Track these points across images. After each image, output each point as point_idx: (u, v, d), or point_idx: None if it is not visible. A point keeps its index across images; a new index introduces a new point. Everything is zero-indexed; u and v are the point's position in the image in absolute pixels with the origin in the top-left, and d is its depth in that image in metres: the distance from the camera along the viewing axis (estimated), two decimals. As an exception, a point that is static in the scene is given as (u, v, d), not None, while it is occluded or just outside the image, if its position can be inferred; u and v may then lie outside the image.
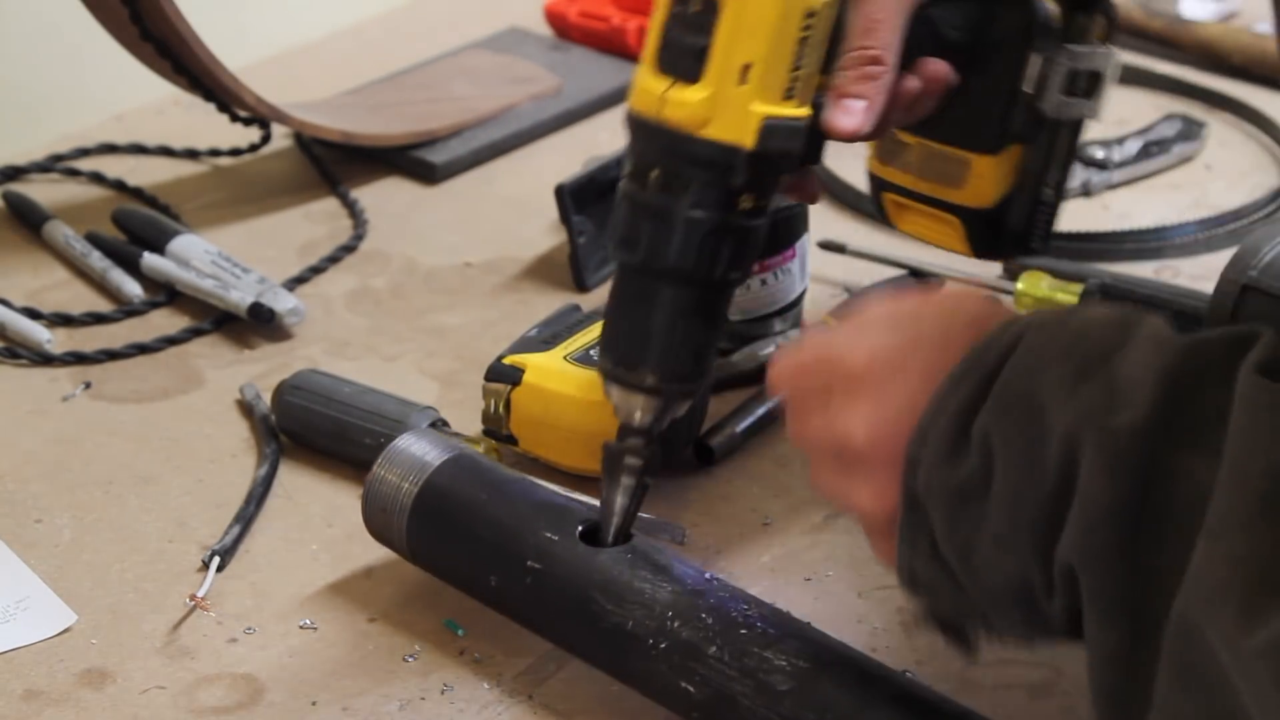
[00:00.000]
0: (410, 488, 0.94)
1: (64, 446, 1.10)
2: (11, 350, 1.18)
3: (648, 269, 0.87)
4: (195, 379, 1.16)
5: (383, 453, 0.96)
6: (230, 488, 1.05)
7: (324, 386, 1.09)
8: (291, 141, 1.44)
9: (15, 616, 0.96)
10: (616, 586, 0.87)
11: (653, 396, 0.89)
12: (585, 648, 0.90)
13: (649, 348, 0.88)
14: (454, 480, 0.94)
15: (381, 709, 0.90)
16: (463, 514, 0.93)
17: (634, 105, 0.88)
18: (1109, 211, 1.33)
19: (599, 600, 0.87)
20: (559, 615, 0.89)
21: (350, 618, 0.96)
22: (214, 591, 0.97)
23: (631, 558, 0.88)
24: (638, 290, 0.88)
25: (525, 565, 0.90)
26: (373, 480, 0.95)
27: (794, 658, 0.83)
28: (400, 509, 0.94)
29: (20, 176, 1.39)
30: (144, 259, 1.25)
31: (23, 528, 1.03)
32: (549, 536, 0.90)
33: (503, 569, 0.91)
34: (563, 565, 0.89)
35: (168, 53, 1.28)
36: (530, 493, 0.93)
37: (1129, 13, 1.60)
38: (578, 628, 0.89)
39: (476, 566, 0.92)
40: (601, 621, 0.87)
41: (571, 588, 0.89)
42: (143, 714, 0.90)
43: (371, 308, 1.24)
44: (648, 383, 0.88)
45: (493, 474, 0.95)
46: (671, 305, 0.88)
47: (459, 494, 0.93)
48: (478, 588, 0.93)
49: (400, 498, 0.94)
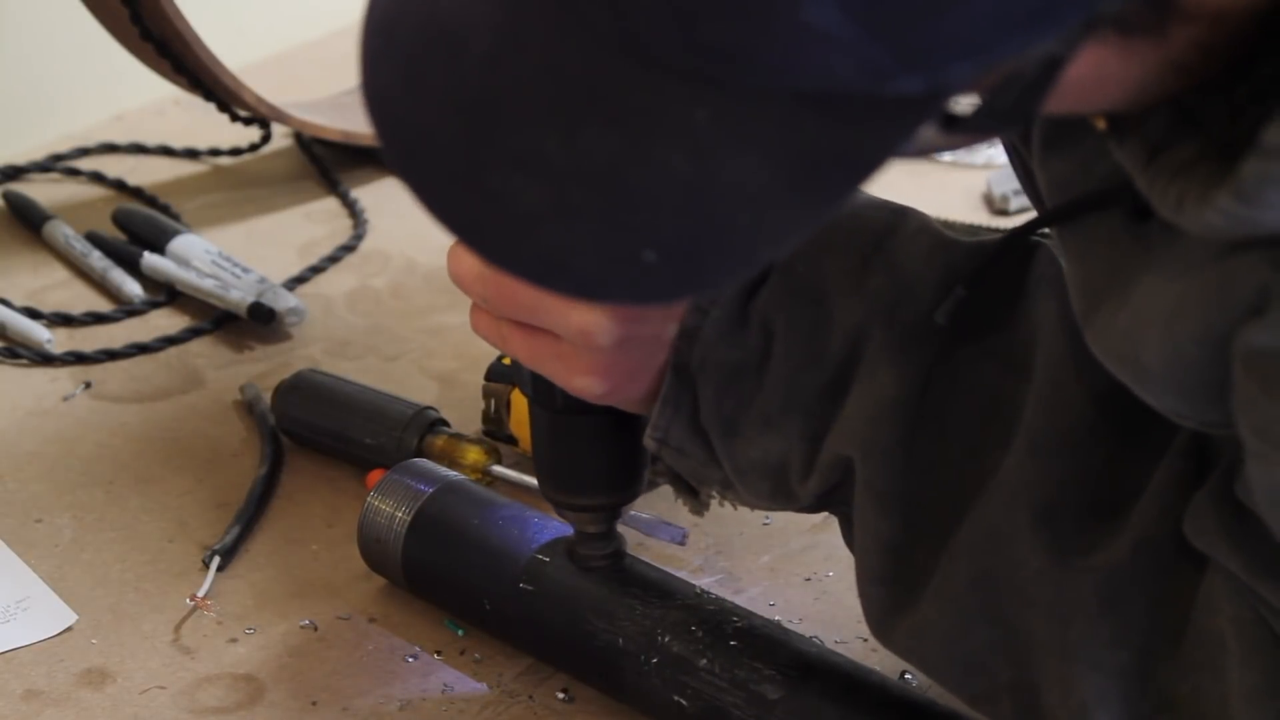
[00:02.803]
0: (404, 517, 0.94)
1: (64, 446, 1.10)
2: (12, 350, 1.18)
3: (565, 410, 0.87)
4: (195, 379, 1.16)
5: (375, 484, 0.96)
6: (230, 488, 1.05)
7: (324, 386, 1.09)
8: (292, 141, 1.44)
9: (15, 616, 0.96)
10: (608, 605, 0.88)
11: (601, 511, 0.89)
12: (579, 665, 0.90)
13: (585, 474, 0.88)
14: (446, 508, 0.94)
15: (381, 709, 0.90)
16: (455, 540, 0.93)
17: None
18: (1109, 211, 1.33)
19: (590, 619, 0.88)
20: (552, 635, 0.90)
21: (350, 618, 0.96)
22: (214, 591, 0.97)
23: (621, 575, 0.89)
24: (560, 428, 0.88)
25: (517, 587, 0.90)
26: (368, 510, 0.95)
27: (784, 666, 0.83)
28: (395, 538, 0.94)
29: (20, 176, 1.39)
30: (144, 259, 1.25)
31: (23, 528, 1.03)
32: (540, 559, 0.90)
33: (496, 592, 0.91)
34: (554, 586, 0.90)
35: (168, 52, 1.28)
36: (521, 516, 0.94)
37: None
38: (571, 646, 0.89)
39: (470, 590, 0.93)
40: (594, 640, 0.88)
41: (563, 608, 0.89)
42: (143, 714, 0.90)
43: (371, 308, 1.24)
44: (593, 503, 0.89)
45: (483, 499, 0.95)
46: (594, 435, 0.87)
47: (451, 521, 0.94)
48: (472, 611, 0.94)
49: (395, 527, 0.94)
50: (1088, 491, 0.71)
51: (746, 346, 0.77)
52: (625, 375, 0.79)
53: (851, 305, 0.75)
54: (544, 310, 0.77)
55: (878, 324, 0.74)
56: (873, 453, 0.74)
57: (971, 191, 1.37)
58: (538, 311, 0.77)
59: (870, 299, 0.75)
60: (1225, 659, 0.67)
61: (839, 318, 0.75)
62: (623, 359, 0.78)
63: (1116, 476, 0.70)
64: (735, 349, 0.77)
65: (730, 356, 0.77)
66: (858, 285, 0.75)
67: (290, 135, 1.44)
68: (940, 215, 1.30)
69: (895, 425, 0.73)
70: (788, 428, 0.76)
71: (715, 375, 0.77)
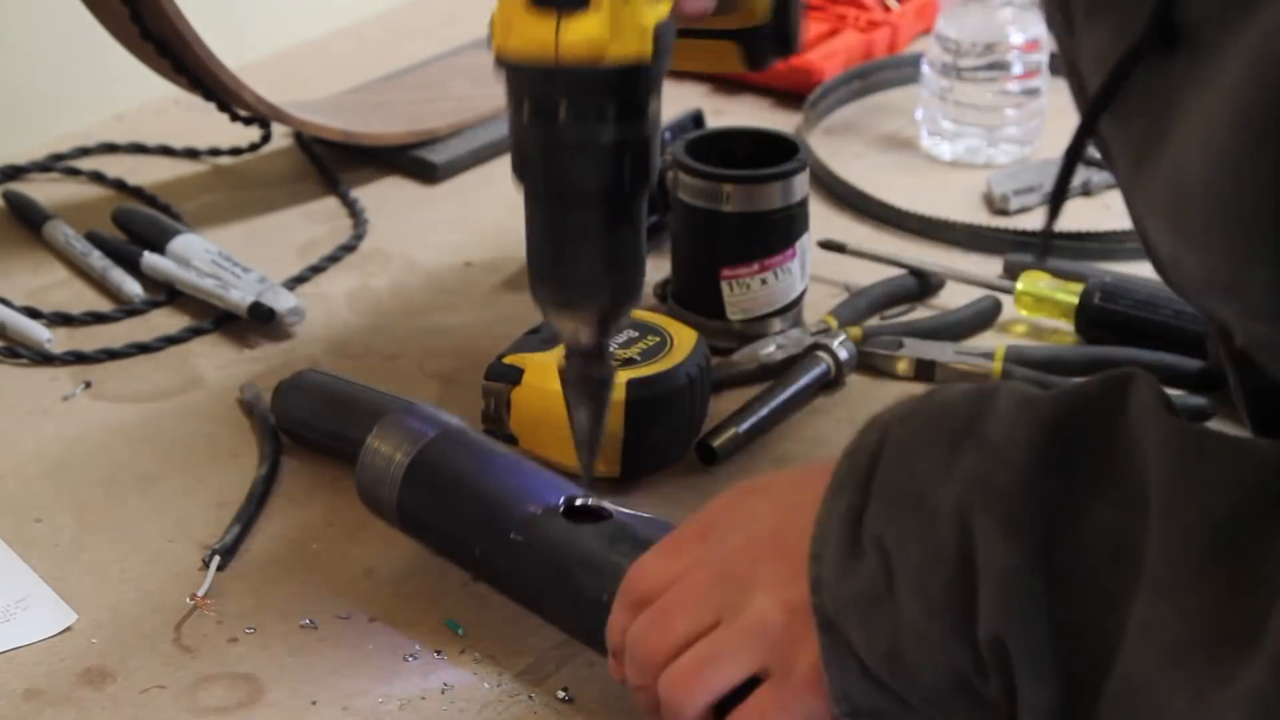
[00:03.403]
0: (402, 459, 0.95)
1: (64, 446, 1.10)
2: (11, 350, 1.18)
3: (565, 196, 0.86)
4: (195, 379, 1.16)
5: (377, 424, 0.97)
6: (230, 487, 1.05)
7: (324, 386, 1.09)
8: (292, 141, 1.44)
9: (15, 616, 0.96)
10: (596, 561, 0.88)
11: (597, 314, 0.89)
12: (564, 620, 0.91)
13: (581, 270, 0.88)
14: (444, 453, 0.95)
15: (381, 709, 0.90)
16: (450, 486, 0.94)
17: (516, 50, 0.84)
18: (1109, 211, 1.33)
19: (578, 574, 0.88)
20: (539, 588, 0.91)
21: (350, 618, 0.96)
22: (214, 591, 0.97)
23: (612, 533, 0.90)
24: (559, 218, 0.87)
25: (508, 537, 0.91)
26: (366, 451, 0.96)
27: None
28: (391, 480, 0.95)
29: (20, 176, 1.39)
30: (144, 258, 1.25)
31: (23, 527, 1.03)
32: (532, 510, 0.91)
33: (486, 540, 0.92)
34: (544, 539, 0.90)
35: (168, 52, 1.27)
36: (517, 467, 0.95)
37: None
38: (557, 600, 0.90)
39: (461, 537, 0.94)
40: (581, 595, 0.88)
41: (552, 561, 0.90)
42: (143, 714, 0.90)
43: (371, 307, 1.24)
44: (590, 303, 0.88)
45: (482, 448, 0.96)
46: (598, 225, 0.87)
47: (448, 466, 0.95)
48: (462, 558, 0.95)
49: (392, 469, 0.95)
50: (1217, 621, 0.67)
51: (869, 573, 0.75)
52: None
53: (948, 493, 0.73)
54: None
55: (977, 500, 0.72)
56: (1013, 626, 0.71)
57: (971, 191, 1.37)
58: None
59: (962, 478, 0.73)
60: None
61: (941, 509, 0.73)
62: None
63: (1242, 599, 0.67)
64: (859, 579, 0.75)
65: (858, 586, 0.75)
66: (948, 470, 0.73)
67: (290, 135, 1.44)
68: (940, 215, 1.31)
69: (1026, 590, 0.70)
70: (942, 633, 0.73)
71: (854, 613, 0.75)
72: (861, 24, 1.56)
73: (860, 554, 0.75)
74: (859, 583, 0.75)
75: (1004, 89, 1.40)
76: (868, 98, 1.51)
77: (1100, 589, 0.70)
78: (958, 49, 1.39)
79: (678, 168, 1.16)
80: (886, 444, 0.76)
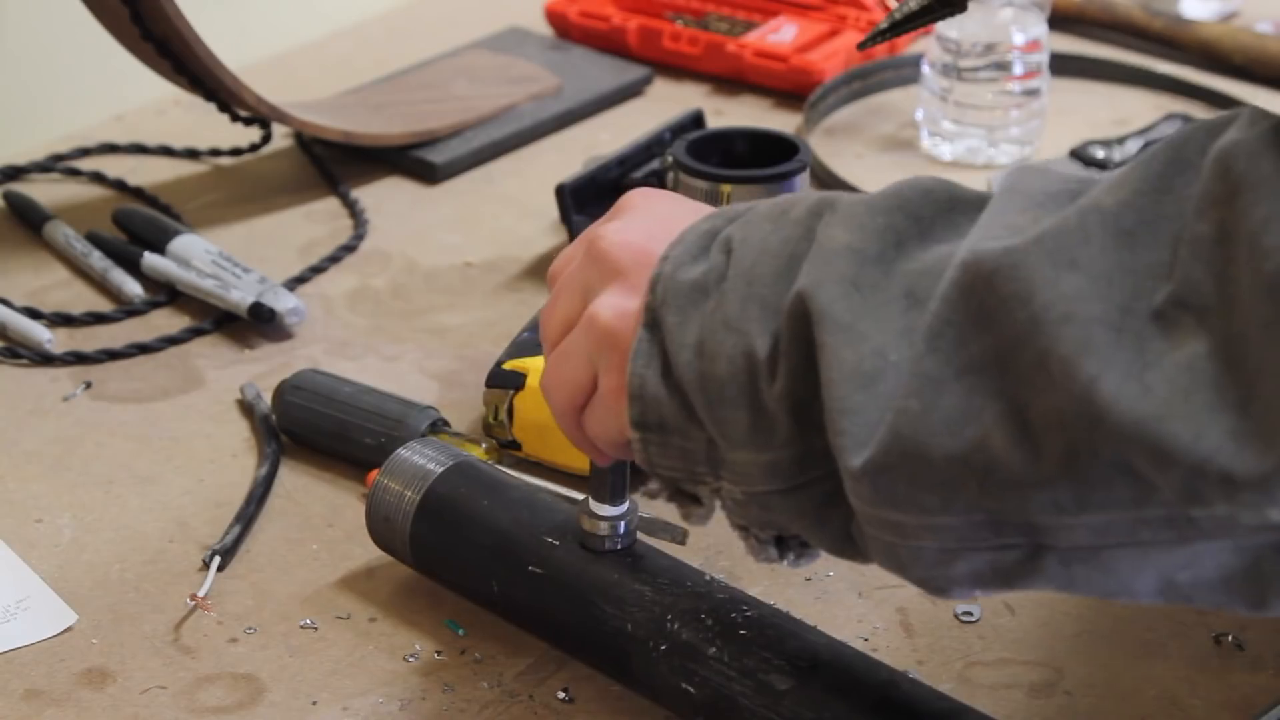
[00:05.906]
0: (413, 496, 0.94)
1: (64, 446, 1.10)
2: (12, 350, 1.18)
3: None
4: (195, 379, 1.16)
5: (385, 462, 0.96)
6: (230, 488, 1.05)
7: (324, 386, 1.09)
8: (292, 141, 1.44)
9: (15, 616, 0.96)
10: (617, 590, 0.88)
11: None
12: (586, 651, 0.90)
13: None
14: (455, 488, 0.94)
15: (381, 709, 0.90)
16: (464, 521, 0.93)
17: None
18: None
19: (599, 604, 0.88)
20: (560, 619, 0.90)
21: (350, 618, 0.96)
22: (214, 591, 0.97)
23: (631, 561, 0.89)
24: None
25: (526, 570, 0.90)
26: (376, 489, 0.95)
27: (793, 657, 0.83)
28: (403, 517, 0.94)
29: (20, 176, 1.39)
30: (144, 259, 1.25)
31: (23, 528, 1.03)
32: (550, 542, 0.90)
33: (504, 574, 0.91)
34: (563, 570, 0.90)
35: (168, 52, 1.28)
36: (531, 499, 0.94)
37: (1129, 13, 1.60)
38: (579, 631, 0.89)
39: (478, 572, 0.93)
40: (602, 625, 0.87)
41: (572, 592, 0.89)
42: (143, 714, 0.90)
43: (372, 308, 1.24)
44: None
45: (494, 480, 0.95)
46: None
47: (460, 501, 0.94)
48: (480, 593, 0.94)
49: (403, 506, 0.94)
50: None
51: (707, 268, 0.77)
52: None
53: (803, 208, 0.76)
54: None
55: (828, 212, 0.76)
56: (825, 281, 0.73)
57: (972, 192, 1.37)
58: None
59: (819, 204, 0.77)
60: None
61: (793, 214, 0.76)
62: None
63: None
64: (695, 271, 0.77)
65: (691, 275, 0.77)
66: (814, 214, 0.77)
67: (290, 135, 1.44)
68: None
69: (849, 264, 0.73)
70: (750, 320, 0.74)
71: (677, 301, 0.77)
72: (862, 24, 1.56)
73: (706, 255, 0.78)
74: (694, 274, 0.77)
75: (1004, 89, 1.40)
76: (868, 98, 1.51)
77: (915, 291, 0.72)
78: (958, 49, 1.39)
79: (678, 168, 1.15)
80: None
